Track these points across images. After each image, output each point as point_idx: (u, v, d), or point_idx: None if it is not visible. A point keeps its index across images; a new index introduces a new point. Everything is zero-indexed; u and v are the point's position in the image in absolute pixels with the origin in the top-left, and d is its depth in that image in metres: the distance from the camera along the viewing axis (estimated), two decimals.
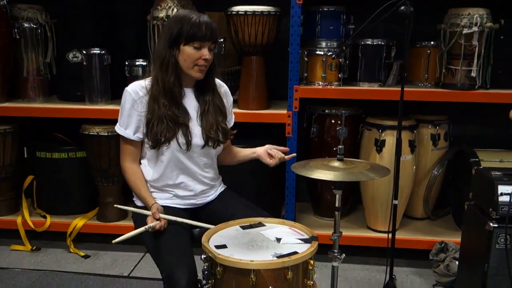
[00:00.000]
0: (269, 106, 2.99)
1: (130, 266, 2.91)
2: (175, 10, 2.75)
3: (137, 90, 1.87)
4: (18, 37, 3.01)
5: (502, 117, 2.00)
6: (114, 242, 1.68)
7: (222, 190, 2.09)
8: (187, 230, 1.85)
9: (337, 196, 1.73)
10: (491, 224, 1.92)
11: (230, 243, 1.62)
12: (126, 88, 1.89)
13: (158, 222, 1.77)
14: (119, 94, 1.98)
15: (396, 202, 2.32)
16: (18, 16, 3.06)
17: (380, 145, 2.81)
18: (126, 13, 3.30)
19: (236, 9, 2.78)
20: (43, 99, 3.14)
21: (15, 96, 3.14)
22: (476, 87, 2.78)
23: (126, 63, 2.97)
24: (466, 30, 2.66)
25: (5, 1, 2.96)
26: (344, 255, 1.76)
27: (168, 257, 1.69)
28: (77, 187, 3.18)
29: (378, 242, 2.87)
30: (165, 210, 1.86)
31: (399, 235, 2.77)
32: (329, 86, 2.86)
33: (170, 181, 1.93)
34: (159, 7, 2.81)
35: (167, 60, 1.82)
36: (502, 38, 2.79)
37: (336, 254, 1.75)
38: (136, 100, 1.86)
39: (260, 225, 1.78)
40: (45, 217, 3.11)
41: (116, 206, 2.17)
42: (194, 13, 1.82)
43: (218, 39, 1.86)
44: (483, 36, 2.70)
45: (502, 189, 1.89)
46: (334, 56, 2.73)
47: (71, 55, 3.09)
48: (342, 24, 2.93)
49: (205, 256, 1.57)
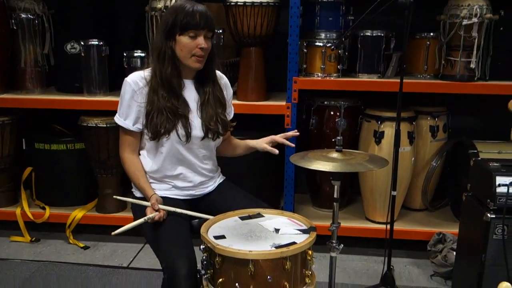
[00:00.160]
0: (268, 97, 2.99)
1: (130, 257, 2.92)
2: (173, 0, 2.74)
3: (137, 80, 1.86)
4: (15, 28, 3.00)
5: (501, 108, 2.00)
6: (114, 234, 1.68)
7: (221, 181, 2.10)
8: (186, 221, 1.86)
9: (335, 187, 1.73)
10: (489, 215, 1.92)
11: (229, 234, 1.63)
12: (125, 78, 1.88)
13: (157, 213, 1.78)
14: (118, 85, 1.97)
15: (394, 193, 2.32)
16: (15, 6, 3.04)
17: (379, 136, 2.81)
18: (125, 4, 3.28)
19: None
20: (41, 91, 3.13)
21: (13, 87, 3.13)
22: (475, 79, 2.78)
23: (125, 54, 2.96)
24: (465, 21, 2.65)
25: None
26: (342, 246, 1.77)
27: (167, 247, 1.70)
28: (76, 179, 3.18)
29: (377, 233, 2.88)
30: (164, 201, 1.86)
31: (398, 226, 2.78)
32: (328, 78, 2.86)
33: (169, 172, 1.93)
34: None
35: (164, 51, 1.82)
36: (501, 29, 2.79)
37: (334, 245, 1.75)
38: (136, 90, 1.85)
39: (258, 216, 1.79)
40: (44, 208, 3.12)
41: (115, 197, 2.18)
42: (189, 2, 1.81)
43: (215, 28, 1.85)
44: (483, 27, 2.70)
45: (500, 180, 1.90)
46: (333, 47, 2.73)
47: (69, 46, 3.08)
48: (342, 15, 2.92)
49: (204, 246, 1.57)
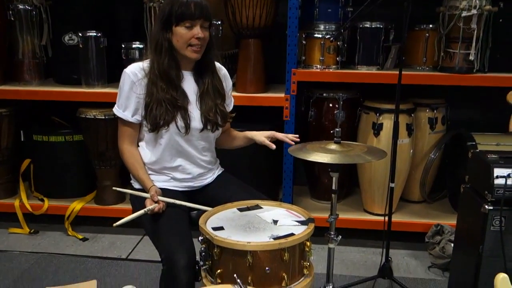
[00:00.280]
0: (266, 89, 2.98)
1: (128, 248, 2.93)
2: None
3: (135, 72, 1.86)
4: (13, 19, 2.98)
5: (499, 100, 2.00)
6: (115, 225, 1.69)
7: (219, 173, 2.10)
8: (185, 212, 1.86)
9: (333, 178, 1.74)
10: (487, 206, 1.93)
11: (227, 225, 1.63)
12: (124, 69, 1.88)
13: (156, 204, 1.78)
14: (116, 77, 1.97)
15: (393, 185, 2.33)
16: None
17: (377, 128, 2.81)
18: None
19: None
20: (39, 82, 3.12)
21: (11, 79, 3.12)
22: (474, 71, 2.77)
23: (123, 46, 2.95)
24: (465, 13, 2.64)
25: None
26: (340, 237, 1.77)
27: (166, 239, 1.70)
28: (74, 171, 3.18)
29: (375, 225, 2.89)
30: (163, 192, 1.86)
31: (396, 218, 2.79)
32: (327, 70, 2.85)
33: (168, 164, 1.93)
34: None
35: (161, 42, 1.82)
36: (501, 21, 2.78)
37: (332, 236, 1.76)
38: (135, 82, 1.85)
39: (257, 207, 1.79)
40: (42, 200, 3.12)
41: (114, 189, 2.17)
42: None
43: (211, 17, 1.84)
44: (482, 19, 2.69)
45: (498, 172, 1.90)
46: (332, 39, 2.73)
47: (67, 38, 3.06)
48: (341, 6, 2.90)
49: (202, 238, 1.58)
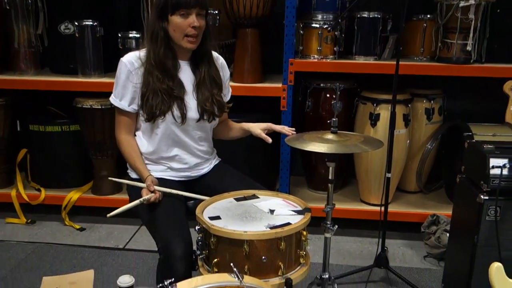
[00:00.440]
0: (264, 79, 2.97)
1: (126, 238, 2.93)
2: None
3: (132, 61, 1.85)
4: (8, 8, 2.96)
5: (496, 91, 2.00)
6: (109, 216, 1.69)
7: (216, 163, 2.10)
8: (182, 202, 1.86)
9: (330, 168, 1.74)
10: (482, 196, 1.94)
11: (224, 215, 1.63)
12: (121, 58, 1.87)
13: (153, 194, 1.78)
14: (112, 66, 1.95)
15: (389, 175, 2.33)
16: None
17: (374, 119, 2.81)
18: None
19: None
20: (35, 72, 3.11)
21: (7, 68, 3.11)
22: (471, 61, 2.77)
23: (119, 35, 2.94)
24: (462, 3, 2.64)
25: None
26: (336, 227, 1.78)
27: (163, 228, 1.71)
28: (71, 161, 3.18)
29: (371, 215, 2.90)
30: (159, 182, 1.86)
31: (392, 208, 2.80)
32: (324, 60, 2.85)
33: (165, 153, 1.93)
34: None
35: (156, 32, 1.81)
36: (498, 11, 2.77)
37: (328, 226, 1.77)
38: (131, 71, 1.84)
39: (254, 197, 1.80)
40: (39, 190, 3.12)
41: (110, 179, 2.18)
42: None
43: (207, 5, 1.83)
44: (480, 9, 2.68)
45: (493, 162, 1.91)
46: (329, 29, 2.72)
47: (63, 27, 3.04)
48: None
49: (199, 227, 1.58)
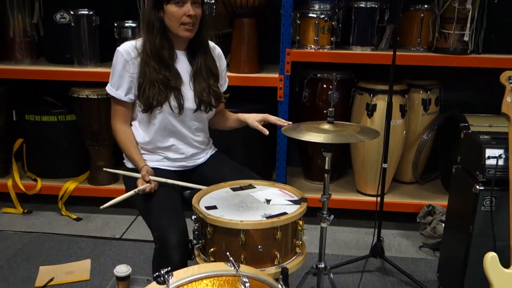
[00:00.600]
0: (260, 69, 2.96)
1: (122, 228, 2.94)
2: None
3: (129, 50, 1.84)
4: None
5: (493, 82, 1.99)
6: (102, 207, 1.69)
7: (213, 153, 2.10)
8: (178, 192, 1.87)
9: (326, 158, 1.74)
10: (478, 187, 1.94)
11: (220, 204, 1.64)
12: (117, 48, 1.86)
13: (148, 184, 1.78)
14: (109, 56, 1.94)
15: (385, 165, 2.34)
16: None
17: (371, 109, 2.81)
18: None
19: None
20: (31, 61, 3.10)
21: (2, 58, 3.08)
22: (468, 52, 2.77)
23: (115, 25, 2.92)
24: None
25: None
26: (332, 216, 1.78)
27: (159, 217, 1.71)
28: (67, 151, 3.17)
29: (367, 206, 2.91)
30: (155, 172, 1.86)
31: (388, 199, 2.82)
32: (321, 50, 2.84)
33: (161, 143, 1.93)
34: None
35: (152, 22, 1.80)
36: (496, 1, 2.76)
37: (324, 215, 1.77)
38: (128, 61, 1.83)
39: (250, 187, 1.80)
40: (36, 180, 3.11)
41: (105, 170, 2.17)
42: None
43: None
44: None
45: (489, 152, 1.91)
46: (327, 19, 2.71)
47: (59, 16, 3.02)
48: None
49: (195, 216, 1.59)
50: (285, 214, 1.55)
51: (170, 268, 1.16)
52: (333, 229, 2.92)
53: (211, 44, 1.98)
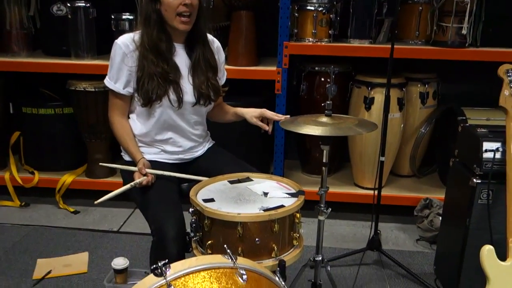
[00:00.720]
0: (258, 62, 2.95)
1: (120, 221, 2.94)
2: None
3: (127, 43, 1.82)
4: None
5: (491, 75, 1.99)
6: (97, 202, 1.67)
7: (210, 146, 2.10)
8: (175, 184, 1.87)
9: (324, 151, 1.74)
10: (475, 180, 1.95)
11: (218, 197, 1.64)
12: (116, 40, 1.84)
13: (145, 177, 1.77)
14: (106, 49, 1.93)
15: (383, 159, 2.34)
16: None
17: (369, 102, 2.81)
18: None
19: None
20: (28, 54, 3.08)
21: None
22: (466, 45, 2.76)
23: (112, 17, 2.90)
24: None
25: None
26: (330, 209, 1.79)
27: (156, 210, 1.71)
28: (64, 144, 3.16)
29: (365, 199, 2.92)
30: (152, 164, 1.86)
31: (385, 192, 2.82)
32: (319, 43, 2.83)
33: (159, 136, 1.92)
34: None
35: (149, 15, 1.79)
36: None
37: (322, 208, 1.78)
38: (126, 54, 1.82)
39: (247, 180, 1.80)
40: (33, 173, 3.11)
41: (101, 165, 2.17)
42: None
43: None
44: None
45: (487, 145, 1.92)
46: (324, 11, 2.70)
47: (55, 8, 3.00)
48: None
49: (193, 209, 1.59)
50: (282, 207, 1.55)
51: (167, 260, 1.17)
52: (330, 222, 2.93)
53: (210, 37, 1.97)
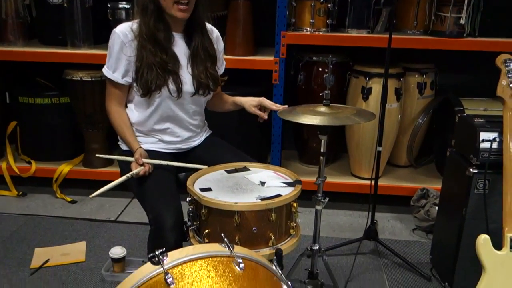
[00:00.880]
0: (256, 52, 2.94)
1: (117, 211, 2.94)
2: None
3: (126, 32, 1.81)
4: None
5: (489, 65, 1.99)
6: (91, 196, 1.63)
7: (207, 135, 2.09)
8: (172, 173, 1.87)
9: (322, 141, 1.74)
10: (471, 170, 1.96)
11: (215, 186, 1.64)
12: (114, 29, 1.82)
13: (142, 168, 1.77)
14: (102, 38, 1.92)
15: (380, 149, 2.34)
16: None
17: (366, 92, 2.81)
18: None
19: None
20: (24, 43, 3.06)
21: None
22: (464, 35, 2.76)
23: (109, 6, 2.88)
24: None
25: None
26: (327, 199, 1.79)
27: (153, 199, 1.71)
28: (61, 133, 3.15)
29: (362, 189, 2.93)
30: (150, 154, 1.85)
31: (382, 182, 2.83)
32: (317, 32, 2.82)
33: (157, 126, 1.92)
34: None
35: (146, 3, 1.78)
36: None
37: (319, 198, 1.78)
38: (125, 43, 1.80)
39: (245, 169, 1.80)
40: (30, 163, 3.10)
41: (98, 156, 2.17)
42: None
43: None
44: None
45: (484, 135, 1.92)
46: (322, 1, 2.69)
47: None
48: None
49: (190, 198, 1.59)
50: (279, 196, 1.56)
51: (164, 249, 1.17)
52: (327, 212, 2.94)
53: (209, 26, 1.95)
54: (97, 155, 2.19)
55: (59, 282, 2.21)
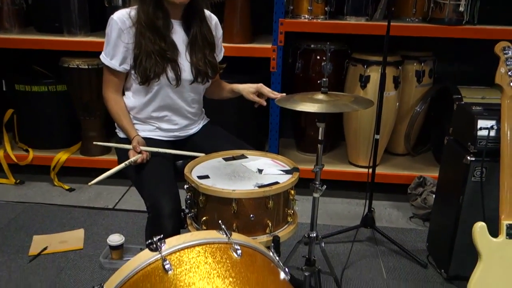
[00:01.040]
0: (253, 40, 2.93)
1: (115, 199, 2.94)
2: None
3: (124, 19, 1.79)
4: None
5: (487, 53, 1.99)
6: (90, 184, 1.64)
7: (205, 123, 2.09)
8: (170, 161, 1.86)
9: (320, 129, 1.74)
10: (469, 157, 1.96)
11: (213, 174, 1.64)
12: (111, 16, 1.81)
13: (139, 155, 1.77)
14: (99, 25, 1.90)
15: (377, 137, 2.34)
16: None
17: (364, 80, 2.80)
18: None
19: None
20: (20, 30, 3.04)
21: None
22: (463, 23, 2.74)
23: None
24: None
25: None
26: (325, 187, 1.79)
27: (151, 187, 1.71)
28: (58, 121, 3.14)
29: (359, 177, 2.93)
30: (147, 142, 1.85)
31: (380, 170, 2.83)
32: (315, 20, 2.80)
33: (155, 114, 1.91)
34: None
35: None
36: None
37: (317, 186, 1.78)
38: (123, 30, 1.79)
39: (242, 157, 1.80)
40: (27, 151, 3.10)
41: (96, 144, 2.16)
42: None
43: None
44: None
45: (481, 123, 1.92)
46: None
47: None
48: None
49: (188, 186, 1.59)
50: (277, 183, 1.56)
51: (162, 236, 1.17)
52: (325, 200, 2.95)
53: (208, 13, 1.94)
54: (95, 143, 2.18)
55: (58, 269, 2.22)
